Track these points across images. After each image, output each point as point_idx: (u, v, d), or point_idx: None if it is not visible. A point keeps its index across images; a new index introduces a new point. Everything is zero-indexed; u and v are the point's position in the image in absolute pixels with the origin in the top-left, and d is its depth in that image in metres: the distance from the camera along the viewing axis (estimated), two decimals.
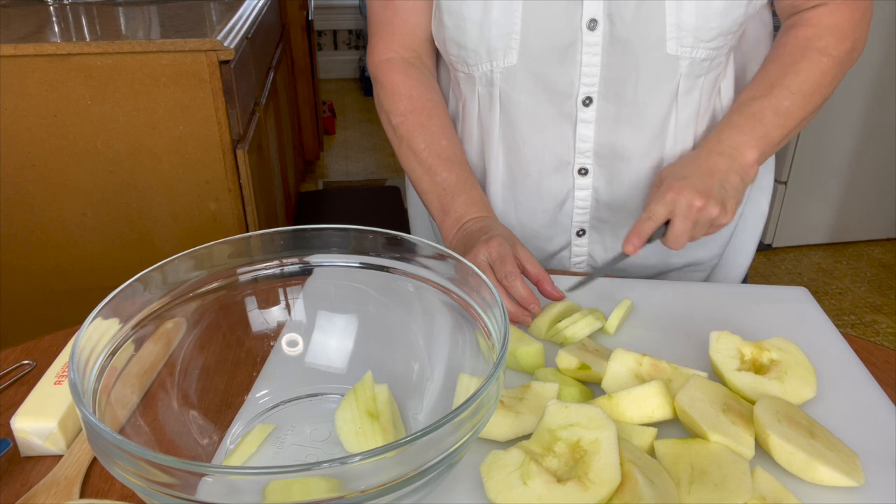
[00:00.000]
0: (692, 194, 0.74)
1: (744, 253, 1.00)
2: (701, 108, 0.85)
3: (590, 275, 0.78)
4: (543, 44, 0.80)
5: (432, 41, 0.91)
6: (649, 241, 0.76)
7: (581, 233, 0.92)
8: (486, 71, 0.84)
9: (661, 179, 0.79)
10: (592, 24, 0.78)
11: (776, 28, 0.89)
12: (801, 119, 0.82)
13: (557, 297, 0.74)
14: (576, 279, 0.78)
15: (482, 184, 0.92)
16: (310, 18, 3.03)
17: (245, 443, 0.58)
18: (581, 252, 0.94)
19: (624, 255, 0.75)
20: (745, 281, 1.04)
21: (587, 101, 0.82)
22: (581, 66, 0.81)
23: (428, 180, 0.86)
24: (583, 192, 0.89)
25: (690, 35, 0.78)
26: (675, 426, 0.61)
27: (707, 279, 0.99)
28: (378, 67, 0.90)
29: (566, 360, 0.65)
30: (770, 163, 0.99)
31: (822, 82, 0.82)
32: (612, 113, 0.83)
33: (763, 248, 2.69)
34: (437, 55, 0.94)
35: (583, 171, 0.87)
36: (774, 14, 0.90)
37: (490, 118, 0.87)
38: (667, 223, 0.76)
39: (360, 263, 0.63)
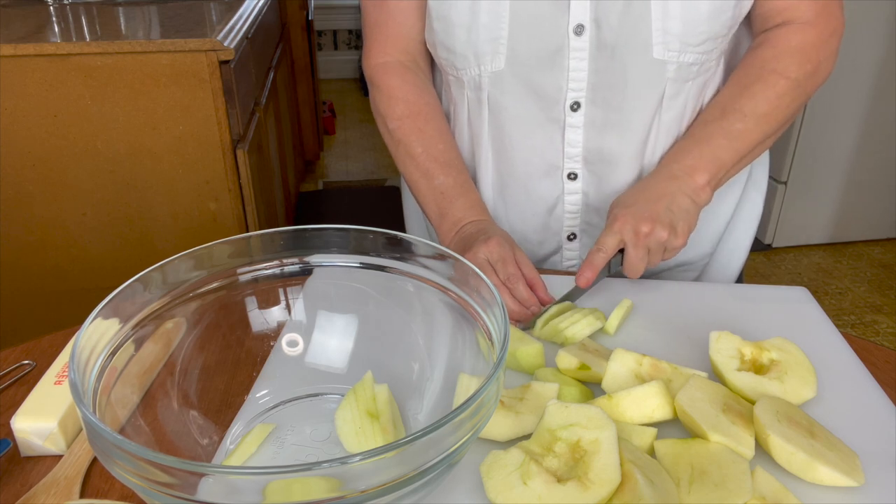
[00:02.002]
0: (638, 221, 0.75)
1: (739, 250, 1.00)
2: (686, 111, 0.84)
3: (568, 294, 0.78)
4: (531, 49, 0.80)
5: (427, 52, 0.91)
6: (609, 271, 0.77)
7: (572, 237, 0.92)
8: (475, 75, 0.84)
9: (611, 209, 0.79)
10: (579, 29, 0.78)
11: None
12: (758, 141, 0.81)
13: (549, 301, 0.75)
14: (568, 282, 0.78)
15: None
16: (310, 18, 3.03)
17: (245, 443, 0.58)
18: (572, 256, 0.94)
19: (580, 290, 0.76)
20: (740, 279, 1.04)
21: (575, 106, 0.82)
22: (568, 71, 0.81)
23: (425, 184, 0.86)
24: (572, 197, 0.89)
25: (677, 40, 0.78)
26: (675, 426, 0.61)
27: (699, 278, 0.99)
28: (374, 71, 0.90)
29: (566, 360, 0.65)
30: (765, 160, 0.98)
31: (779, 105, 0.81)
32: (600, 118, 0.83)
33: (763, 248, 2.69)
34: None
35: (572, 176, 0.87)
36: None
37: (479, 122, 0.88)
38: (622, 251, 0.77)
39: (360, 263, 0.63)
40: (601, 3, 0.77)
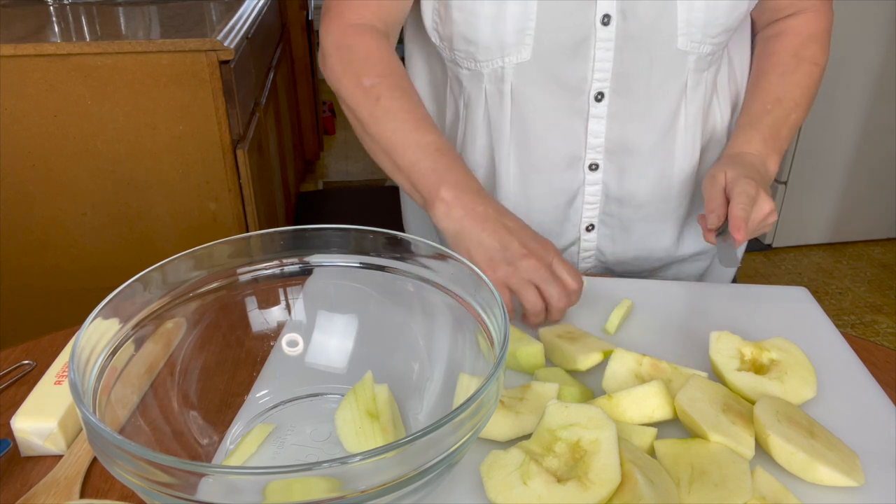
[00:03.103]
0: (766, 199, 0.76)
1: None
2: (706, 101, 0.86)
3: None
4: (557, 39, 0.80)
5: (401, 27, 0.87)
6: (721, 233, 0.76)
7: (590, 228, 0.92)
8: (497, 67, 0.83)
9: (731, 179, 0.76)
10: (606, 19, 0.79)
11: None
12: (799, 128, 0.86)
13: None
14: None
15: (491, 183, 0.91)
16: (310, 18, 3.04)
17: (245, 443, 0.58)
18: (589, 247, 0.94)
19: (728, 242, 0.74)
20: (735, 279, 1.04)
21: (599, 97, 0.83)
22: (594, 61, 0.81)
23: (415, 138, 0.78)
24: (593, 188, 0.89)
25: (699, 31, 0.80)
26: (675, 426, 0.61)
27: (707, 269, 1.00)
28: (346, 31, 0.83)
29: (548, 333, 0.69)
30: None
31: (814, 91, 0.86)
32: (623, 108, 0.83)
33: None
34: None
35: (593, 167, 0.87)
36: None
37: (500, 115, 0.86)
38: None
39: (360, 263, 0.63)
40: None
